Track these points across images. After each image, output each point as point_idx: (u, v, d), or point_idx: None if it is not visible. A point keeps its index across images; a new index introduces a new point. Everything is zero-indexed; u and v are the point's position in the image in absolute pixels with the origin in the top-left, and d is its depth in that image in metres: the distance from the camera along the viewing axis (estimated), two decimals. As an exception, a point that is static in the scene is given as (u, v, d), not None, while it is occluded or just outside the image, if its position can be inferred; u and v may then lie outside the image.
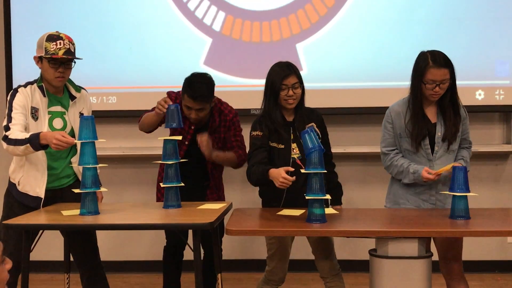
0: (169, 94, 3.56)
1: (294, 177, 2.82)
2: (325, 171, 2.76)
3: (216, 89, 3.47)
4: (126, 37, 4.65)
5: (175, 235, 3.56)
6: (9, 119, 3.07)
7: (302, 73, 3.17)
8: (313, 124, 3.15)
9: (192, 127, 3.50)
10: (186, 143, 3.50)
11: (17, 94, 3.11)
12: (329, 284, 3.17)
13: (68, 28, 4.24)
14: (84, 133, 2.93)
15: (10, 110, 3.09)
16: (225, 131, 3.54)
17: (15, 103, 3.09)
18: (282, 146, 3.11)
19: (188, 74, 3.46)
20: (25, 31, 4.64)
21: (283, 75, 3.08)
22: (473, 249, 4.65)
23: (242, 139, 3.58)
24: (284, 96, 3.08)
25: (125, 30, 4.64)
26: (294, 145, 3.12)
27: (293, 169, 2.86)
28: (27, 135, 2.97)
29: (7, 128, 3.05)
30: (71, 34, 3.22)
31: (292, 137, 3.12)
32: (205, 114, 3.44)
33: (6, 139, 3.02)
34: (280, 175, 2.82)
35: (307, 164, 2.74)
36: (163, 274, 3.73)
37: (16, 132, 3.00)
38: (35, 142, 2.94)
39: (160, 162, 3.16)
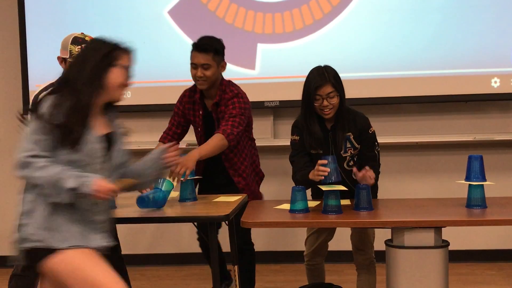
0: (184, 92, 3.56)
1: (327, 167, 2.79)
2: (342, 188, 2.77)
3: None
4: (139, 32, 4.66)
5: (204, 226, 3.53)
6: None
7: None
8: (350, 134, 3.04)
9: (201, 112, 3.46)
10: (199, 130, 3.47)
11: None
12: (361, 275, 3.25)
13: (82, 25, 4.27)
14: None
15: None
16: (224, 112, 3.37)
17: None
18: (321, 152, 3.04)
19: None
20: (39, 28, 4.67)
21: (316, 85, 2.92)
22: (491, 239, 4.63)
23: (235, 121, 3.30)
24: (319, 106, 2.95)
25: (138, 25, 4.65)
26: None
27: (326, 162, 2.80)
28: None
29: None
30: (84, 30, 3.23)
31: (329, 144, 3.05)
32: (212, 73, 3.34)
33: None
34: (315, 169, 2.82)
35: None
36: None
37: None
38: None
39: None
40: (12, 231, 2.34)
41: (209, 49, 3.33)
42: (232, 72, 4.54)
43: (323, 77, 2.94)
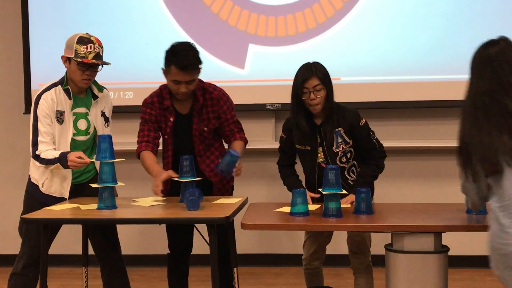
0: (152, 98, 3.36)
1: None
2: (342, 192, 2.77)
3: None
4: (142, 32, 4.67)
5: (179, 242, 3.48)
6: (36, 131, 3.13)
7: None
8: (340, 129, 3.08)
9: (171, 119, 3.28)
10: (167, 137, 3.31)
11: (40, 103, 3.15)
12: (358, 279, 3.25)
13: (85, 24, 4.29)
14: (102, 151, 2.99)
15: (36, 120, 3.14)
16: (213, 111, 3.27)
17: (39, 113, 3.14)
18: (309, 148, 3.10)
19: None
20: (42, 28, 4.69)
21: (303, 78, 3.00)
22: (491, 244, 4.63)
23: (238, 120, 3.39)
24: (307, 100, 3.01)
25: (141, 25, 4.66)
26: (319, 149, 3.10)
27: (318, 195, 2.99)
28: (56, 155, 3.06)
29: (35, 143, 3.12)
30: (87, 30, 3.24)
31: (319, 140, 3.09)
32: (194, 86, 3.19)
33: (38, 158, 3.11)
34: None
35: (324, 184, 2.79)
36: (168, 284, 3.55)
37: (47, 152, 3.10)
38: (63, 162, 3.05)
39: (177, 179, 3.11)
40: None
41: (196, 68, 3.16)
42: (232, 73, 4.56)
43: (310, 71, 3.02)
